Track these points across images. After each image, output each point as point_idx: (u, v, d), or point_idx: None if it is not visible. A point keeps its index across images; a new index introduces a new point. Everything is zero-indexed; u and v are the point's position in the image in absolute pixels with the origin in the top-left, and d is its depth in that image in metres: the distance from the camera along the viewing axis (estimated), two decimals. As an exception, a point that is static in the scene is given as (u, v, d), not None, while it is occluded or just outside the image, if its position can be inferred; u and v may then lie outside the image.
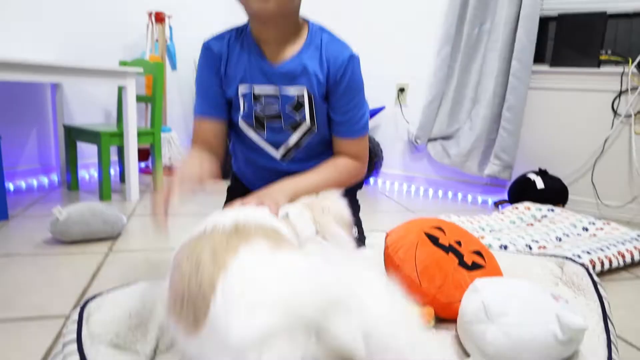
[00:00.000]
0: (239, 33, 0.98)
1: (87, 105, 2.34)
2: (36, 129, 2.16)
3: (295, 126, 0.98)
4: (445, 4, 2.32)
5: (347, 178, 1.01)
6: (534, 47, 2.14)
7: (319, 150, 1.04)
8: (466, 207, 2.28)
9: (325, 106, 0.98)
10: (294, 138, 1.00)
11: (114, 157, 2.35)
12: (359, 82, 0.97)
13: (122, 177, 2.25)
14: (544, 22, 2.24)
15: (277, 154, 1.02)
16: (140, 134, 2.00)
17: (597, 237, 1.66)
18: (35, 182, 2.15)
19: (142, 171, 2.54)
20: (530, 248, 1.56)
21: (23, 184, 2.10)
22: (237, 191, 1.14)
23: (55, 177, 2.23)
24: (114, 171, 2.44)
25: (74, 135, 2.02)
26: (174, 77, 2.73)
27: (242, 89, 0.96)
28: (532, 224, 1.80)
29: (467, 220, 1.78)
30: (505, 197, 2.29)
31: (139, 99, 2.12)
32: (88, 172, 2.39)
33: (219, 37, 0.99)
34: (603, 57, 2.12)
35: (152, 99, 2.07)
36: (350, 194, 1.04)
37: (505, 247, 1.50)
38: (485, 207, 2.30)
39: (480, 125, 2.26)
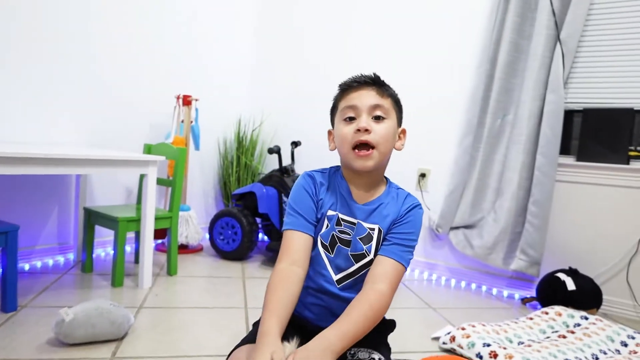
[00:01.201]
0: (335, 170, 1.19)
1: (109, 186, 2.37)
2: (57, 209, 2.18)
3: (359, 257, 1.10)
4: (468, 94, 2.33)
5: (379, 312, 1.05)
6: (559, 141, 2.10)
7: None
8: (490, 302, 2.16)
9: None
10: (354, 267, 1.11)
11: (130, 234, 2.35)
12: (418, 224, 1.14)
13: (136, 257, 2.23)
14: (569, 114, 2.22)
15: (334, 276, 1.12)
16: (157, 218, 2.00)
17: (638, 355, 1.52)
18: (51, 262, 2.14)
19: (157, 248, 2.52)
20: (564, 369, 1.43)
21: (39, 264, 2.10)
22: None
23: (71, 256, 2.23)
24: (129, 248, 2.43)
25: (93, 219, 2.03)
26: (196, 156, 2.77)
27: (330, 212, 1.12)
28: (564, 336, 1.67)
29: (493, 330, 1.66)
30: (533, 292, 2.17)
31: (160, 181, 2.14)
32: (104, 249, 2.38)
33: (321, 171, 1.19)
34: (632, 153, 2.06)
35: (173, 184, 2.09)
36: (382, 335, 1.10)
37: (536, 370, 1.37)
38: (511, 303, 2.17)
39: (505, 217, 2.18)
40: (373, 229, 1.11)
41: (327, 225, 1.11)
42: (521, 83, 2.21)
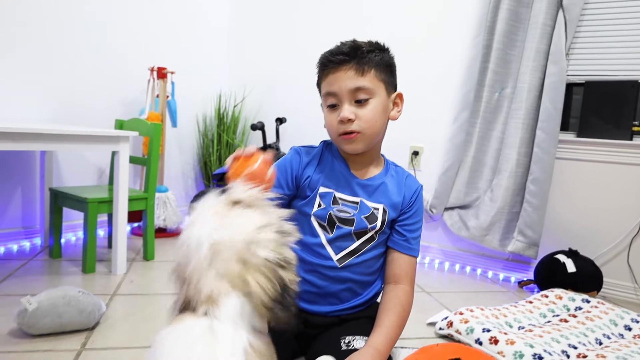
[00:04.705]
0: (327, 145, 1.15)
1: (78, 165, 2.19)
2: (21, 189, 2.00)
3: (361, 234, 1.08)
4: (463, 66, 2.19)
5: (409, 311, 1.10)
6: (560, 116, 1.99)
7: (370, 266, 1.13)
8: (486, 286, 2.07)
9: (388, 231, 1.12)
10: (356, 244, 1.09)
11: (103, 217, 2.19)
12: (422, 207, 1.16)
13: (109, 241, 2.07)
14: (569, 87, 2.10)
15: (335, 256, 1.09)
16: (132, 199, 1.84)
17: (643, 340, 1.44)
18: (15, 247, 1.97)
19: (133, 232, 2.36)
20: (568, 356, 1.34)
21: (2, 249, 1.93)
22: None
23: (38, 241, 2.06)
24: (103, 232, 2.27)
25: (60, 200, 1.86)
26: (174, 134, 2.60)
27: (323, 189, 1.08)
28: (566, 320, 1.58)
29: (492, 314, 1.56)
30: (530, 275, 2.08)
31: (134, 160, 1.97)
32: (75, 234, 2.21)
33: (310, 147, 1.15)
34: (636, 129, 1.96)
35: (148, 162, 1.93)
36: None
37: (540, 358, 1.28)
38: (507, 286, 2.09)
39: (502, 197, 2.08)
40: (377, 209, 1.09)
41: (320, 204, 1.08)
42: (520, 54, 2.09)
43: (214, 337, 0.54)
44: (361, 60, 1.00)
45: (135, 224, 2.38)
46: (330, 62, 1.01)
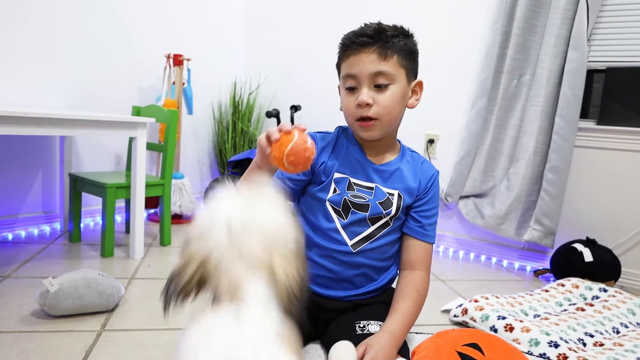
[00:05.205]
0: (343, 130, 1.14)
1: (97, 151, 2.23)
2: (41, 175, 2.04)
3: (375, 219, 1.08)
4: (481, 52, 2.15)
5: (425, 296, 1.10)
6: (580, 103, 1.94)
7: (385, 252, 1.12)
8: (501, 274, 2.05)
9: (403, 217, 1.11)
10: (370, 229, 1.08)
11: (120, 203, 2.22)
12: (438, 193, 1.15)
13: (127, 227, 2.10)
14: (589, 74, 2.05)
15: (349, 241, 1.08)
16: (149, 185, 1.86)
17: (662, 330, 1.42)
18: (36, 231, 2.02)
19: (150, 218, 2.40)
20: (585, 344, 1.33)
21: (23, 233, 1.97)
22: None
23: (57, 225, 2.10)
24: (120, 218, 2.31)
25: (79, 185, 1.89)
26: (189, 121, 2.61)
27: (338, 175, 1.07)
28: (582, 309, 1.57)
29: (507, 302, 1.56)
30: (547, 264, 2.06)
31: (151, 146, 1.99)
32: (93, 219, 2.25)
33: (325, 132, 1.14)
34: (658, 116, 1.92)
35: (164, 149, 1.94)
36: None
37: (557, 346, 1.27)
38: (522, 275, 2.07)
39: (519, 185, 2.05)
40: (392, 194, 1.08)
41: (335, 190, 1.07)
42: (540, 40, 2.04)
43: (243, 322, 0.51)
44: (385, 44, 0.98)
45: (152, 210, 2.42)
46: (353, 44, 0.99)
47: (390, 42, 0.98)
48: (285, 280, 0.55)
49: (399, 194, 1.09)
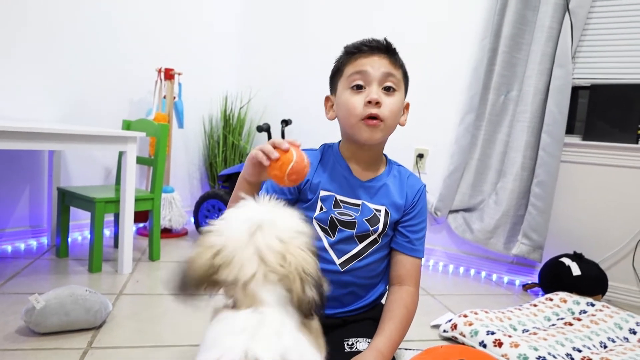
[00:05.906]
0: (328, 148, 1.14)
1: (86, 165, 2.21)
2: (29, 189, 2.02)
3: (363, 237, 1.07)
4: (469, 69, 2.20)
5: (414, 312, 1.09)
6: (565, 119, 1.99)
7: (373, 270, 1.11)
8: (490, 289, 2.06)
9: (391, 232, 1.10)
10: (358, 247, 1.07)
11: (109, 217, 2.20)
12: (426, 207, 1.14)
13: (116, 241, 2.09)
14: (574, 91, 2.09)
15: (337, 260, 1.07)
16: (138, 200, 1.85)
17: (648, 344, 1.43)
18: (23, 246, 1.99)
19: (139, 232, 2.38)
20: (572, 359, 1.34)
21: (9, 248, 1.95)
22: None
23: (45, 240, 2.08)
24: (109, 232, 2.29)
25: (67, 199, 1.88)
26: (180, 135, 2.61)
27: (324, 193, 1.06)
28: (570, 323, 1.58)
29: (497, 317, 1.56)
30: (535, 278, 2.08)
31: (141, 160, 1.99)
32: (81, 234, 2.23)
33: (310, 150, 1.11)
34: (641, 132, 1.96)
35: (154, 163, 1.94)
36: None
37: (546, 361, 1.28)
38: (511, 289, 2.08)
39: (507, 200, 2.08)
40: (379, 210, 1.07)
41: (322, 208, 1.07)
42: (526, 57, 2.09)
43: (264, 315, 0.54)
44: (394, 55, 1.01)
45: (141, 224, 2.40)
46: (365, 46, 1.00)
47: (397, 55, 1.02)
48: (301, 272, 0.58)
49: (386, 210, 1.08)
